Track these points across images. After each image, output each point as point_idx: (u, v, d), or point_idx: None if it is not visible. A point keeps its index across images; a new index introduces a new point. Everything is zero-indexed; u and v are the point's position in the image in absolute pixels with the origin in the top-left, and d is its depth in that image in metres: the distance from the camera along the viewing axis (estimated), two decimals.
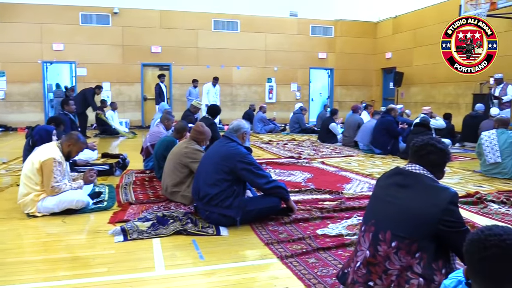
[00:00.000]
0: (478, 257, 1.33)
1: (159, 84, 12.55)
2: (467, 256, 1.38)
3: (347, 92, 16.36)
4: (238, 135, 3.73)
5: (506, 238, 1.32)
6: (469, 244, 1.37)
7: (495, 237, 1.33)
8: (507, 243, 1.31)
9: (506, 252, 1.30)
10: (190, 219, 3.63)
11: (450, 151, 2.34)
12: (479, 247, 1.33)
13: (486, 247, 1.31)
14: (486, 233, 1.35)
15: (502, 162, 5.91)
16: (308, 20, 15.60)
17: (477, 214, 4.19)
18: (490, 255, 1.30)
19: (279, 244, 3.18)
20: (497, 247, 1.31)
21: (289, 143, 9.92)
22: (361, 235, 2.24)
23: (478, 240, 1.35)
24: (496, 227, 1.38)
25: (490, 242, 1.32)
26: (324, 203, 4.42)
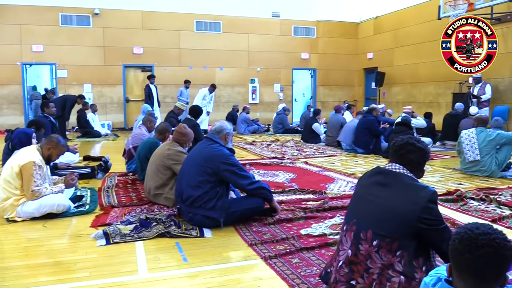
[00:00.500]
0: (469, 256, 1.36)
1: (149, 85, 12.32)
2: (456, 255, 1.40)
3: (330, 92, 16.47)
4: (221, 137, 3.72)
5: (495, 237, 1.37)
6: (460, 243, 1.39)
7: (485, 236, 1.36)
8: (497, 242, 1.35)
9: (497, 251, 1.34)
10: (174, 221, 3.61)
11: (429, 150, 2.38)
12: (471, 246, 1.36)
13: (478, 246, 1.35)
14: (476, 232, 1.38)
15: (481, 160, 6.03)
16: (290, 20, 15.67)
17: (458, 211, 4.26)
18: (482, 254, 1.34)
19: (263, 245, 3.19)
20: (489, 246, 1.34)
21: (272, 143, 9.94)
22: (343, 235, 2.26)
23: (469, 239, 1.37)
24: (482, 226, 1.42)
25: (481, 241, 1.35)
26: (307, 203, 4.44)
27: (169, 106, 12.22)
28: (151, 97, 12.21)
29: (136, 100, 14.05)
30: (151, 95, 12.24)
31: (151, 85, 12.34)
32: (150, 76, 12.57)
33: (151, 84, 12.35)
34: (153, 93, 12.30)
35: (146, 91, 12.34)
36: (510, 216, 4.03)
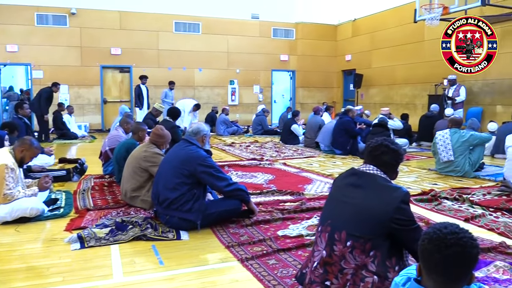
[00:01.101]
0: (439, 255, 1.38)
1: (139, 86, 12.09)
2: (426, 255, 1.42)
3: (309, 93, 16.59)
4: (198, 138, 3.71)
5: (463, 236, 1.39)
6: (429, 243, 1.41)
7: (453, 235, 1.39)
8: (464, 241, 1.38)
9: (465, 250, 1.37)
10: (150, 224, 3.58)
11: (403, 151, 2.42)
12: (440, 246, 1.38)
13: (447, 246, 1.37)
14: (445, 232, 1.40)
15: (455, 160, 6.16)
16: (269, 22, 15.72)
17: (432, 211, 4.35)
18: (451, 253, 1.37)
19: (239, 247, 3.19)
20: (457, 246, 1.37)
21: (251, 145, 9.95)
22: (318, 236, 2.28)
23: (438, 239, 1.39)
24: (449, 225, 1.44)
25: (450, 241, 1.38)
26: (285, 204, 4.46)
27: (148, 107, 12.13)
28: (140, 98, 11.98)
29: (114, 101, 13.87)
30: (141, 96, 12.01)
31: (142, 85, 12.09)
32: (142, 76, 12.29)
33: (142, 85, 12.10)
34: (143, 94, 12.07)
35: (136, 91, 12.11)
36: (482, 215, 4.12)
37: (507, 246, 3.25)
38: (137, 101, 11.93)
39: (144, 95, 12.15)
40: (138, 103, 11.74)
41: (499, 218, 4.05)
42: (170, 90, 12.73)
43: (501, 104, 10.13)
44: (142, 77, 12.28)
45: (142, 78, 12.24)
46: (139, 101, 11.85)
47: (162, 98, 12.60)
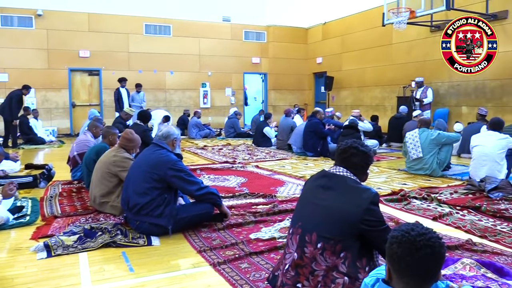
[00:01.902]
0: (410, 258, 1.38)
1: (118, 89, 11.65)
2: (396, 259, 1.41)
3: (281, 96, 16.68)
4: (168, 142, 3.66)
5: (431, 236, 1.41)
6: (399, 247, 1.40)
7: (422, 237, 1.40)
8: (433, 242, 1.39)
9: (434, 250, 1.39)
10: (120, 230, 3.51)
11: (373, 154, 2.45)
12: (410, 249, 1.38)
13: (418, 248, 1.38)
14: (413, 234, 1.41)
15: (424, 158, 6.35)
16: (241, 25, 15.74)
17: (401, 211, 4.43)
18: (423, 255, 1.37)
19: (212, 251, 3.16)
20: (427, 247, 1.38)
21: (224, 148, 9.92)
22: (289, 238, 2.29)
23: (408, 242, 1.39)
24: (415, 227, 1.45)
25: (420, 243, 1.38)
26: (257, 207, 4.46)
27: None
28: (120, 102, 11.52)
29: (83, 105, 13.59)
30: (120, 99, 11.56)
31: (122, 88, 11.66)
32: (121, 79, 11.79)
33: (122, 88, 11.66)
34: (123, 97, 11.62)
35: (116, 95, 11.65)
36: (450, 214, 4.23)
37: (473, 243, 3.34)
38: (116, 105, 11.49)
39: (125, 98, 11.69)
40: (118, 107, 11.26)
41: (465, 216, 4.16)
42: (137, 93, 12.20)
43: (466, 105, 10.44)
44: (122, 79, 11.80)
45: (122, 81, 11.76)
46: (118, 105, 11.38)
47: (129, 102, 12.14)
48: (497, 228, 3.80)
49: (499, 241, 3.45)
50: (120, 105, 11.32)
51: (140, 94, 12.14)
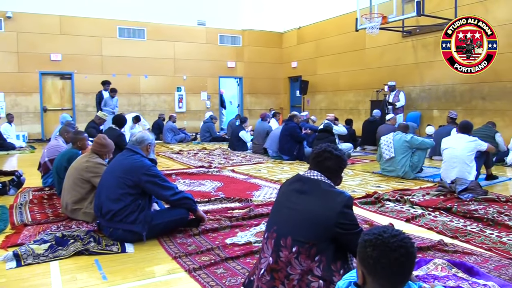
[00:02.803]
0: (385, 260, 1.38)
1: (101, 92, 11.41)
2: (371, 262, 1.41)
3: (257, 100, 16.72)
4: (142, 147, 3.61)
5: (403, 237, 1.42)
6: (374, 250, 1.40)
7: (395, 238, 1.41)
8: (405, 242, 1.41)
9: (408, 250, 1.40)
10: (93, 237, 3.44)
11: (347, 157, 2.47)
12: (385, 251, 1.39)
13: (392, 250, 1.38)
14: (386, 236, 1.41)
15: (396, 158, 6.50)
16: (216, 29, 15.72)
17: (376, 213, 4.50)
18: (398, 256, 1.38)
19: (187, 257, 3.13)
20: (401, 247, 1.39)
21: (200, 152, 9.87)
22: (264, 242, 2.29)
23: (382, 245, 1.40)
24: (386, 229, 1.46)
25: (394, 244, 1.39)
26: (233, 211, 4.45)
27: (90, 116, 11.69)
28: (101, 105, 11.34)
29: (54, 110, 13.28)
30: (102, 102, 11.36)
31: (105, 92, 11.42)
32: (104, 82, 11.61)
33: (105, 91, 11.43)
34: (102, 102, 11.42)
35: (97, 98, 11.44)
36: (422, 215, 4.32)
37: (444, 244, 3.42)
38: (98, 108, 11.23)
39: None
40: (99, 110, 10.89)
41: (437, 218, 4.26)
42: (111, 98, 11.75)
43: (437, 109, 10.69)
44: (105, 82, 11.62)
45: (105, 84, 11.58)
46: (100, 108, 11.13)
47: (102, 106, 11.78)
48: (467, 228, 3.90)
49: (470, 241, 3.54)
50: (101, 109, 11.11)
51: (114, 99, 11.86)
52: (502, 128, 8.54)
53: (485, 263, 3.03)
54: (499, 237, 3.63)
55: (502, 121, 9.04)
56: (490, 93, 9.47)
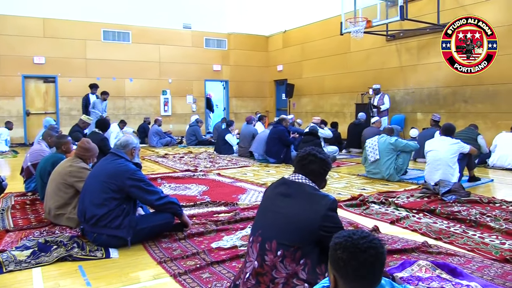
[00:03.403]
0: (355, 262, 1.38)
1: (88, 95, 11.12)
2: (342, 264, 1.41)
3: (243, 103, 16.73)
4: (127, 151, 3.58)
5: (372, 238, 1.43)
6: (344, 252, 1.40)
7: (364, 239, 1.42)
8: (375, 243, 1.42)
9: (377, 251, 1.41)
10: (77, 243, 3.40)
11: (330, 160, 2.48)
12: (355, 253, 1.39)
13: (362, 251, 1.39)
14: (355, 238, 1.42)
15: (381, 161, 6.56)
16: (202, 32, 15.70)
17: (361, 215, 4.53)
18: (367, 257, 1.38)
19: (172, 262, 3.11)
20: (371, 248, 1.40)
21: (185, 156, 9.82)
22: (250, 246, 2.28)
23: (352, 246, 1.40)
24: (355, 231, 1.47)
25: (363, 246, 1.39)
26: (219, 215, 4.44)
27: (74, 119, 11.55)
28: (88, 108, 11.01)
29: (38, 114, 13.11)
30: (88, 106, 11.03)
31: (92, 95, 11.11)
32: (92, 85, 11.32)
33: (92, 95, 11.12)
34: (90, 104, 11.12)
35: (83, 101, 11.13)
36: (406, 217, 4.36)
37: (428, 245, 3.45)
38: (83, 112, 10.92)
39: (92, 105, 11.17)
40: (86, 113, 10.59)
41: (421, 219, 4.30)
42: (102, 101, 11.40)
43: (421, 112, 10.83)
44: (93, 86, 11.33)
45: (92, 87, 11.30)
46: (86, 112, 10.83)
47: (90, 109, 11.48)
48: (450, 230, 3.95)
49: (453, 243, 3.58)
50: (87, 113, 10.84)
51: (104, 103, 11.62)
52: (484, 130, 8.69)
53: (468, 264, 3.07)
54: (481, 238, 3.68)
55: (484, 123, 9.19)
56: (472, 96, 9.63)
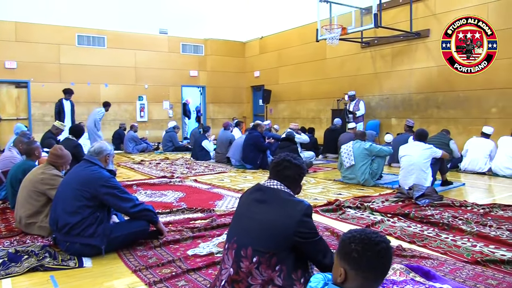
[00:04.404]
0: (371, 253, 1.55)
1: (61, 100, 10.48)
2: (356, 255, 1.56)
3: (220, 109, 16.70)
4: (101, 158, 3.52)
5: (381, 235, 1.62)
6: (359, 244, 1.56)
7: (375, 234, 1.60)
8: (384, 238, 1.60)
9: (388, 245, 1.59)
10: (49, 252, 3.32)
11: (305, 166, 2.49)
12: (370, 244, 1.56)
13: (376, 243, 1.56)
14: (368, 232, 1.61)
15: (356, 166, 6.65)
16: (178, 38, 15.64)
17: (337, 220, 4.56)
18: (380, 249, 1.56)
19: (147, 270, 3.06)
20: (383, 242, 1.58)
21: (162, 162, 9.73)
22: (225, 253, 2.27)
23: (366, 239, 1.57)
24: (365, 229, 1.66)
25: (376, 239, 1.58)
26: (195, 222, 4.40)
27: (48, 125, 11.30)
28: (61, 115, 10.44)
29: (9, 119, 12.74)
30: (62, 112, 10.46)
31: (65, 101, 10.51)
32: (66, 90, 10.67)
33: (66, 100, 10.51)
34: (65, 110, 10.52)
35: (56, 107, 10.51)
36: (381, 222, 4.42)
37: (403, 249, 3.50)
38: (56, 118, 10.33)
39: (67, 111, 10.62)
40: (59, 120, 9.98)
41: (396, 223, 4.36)
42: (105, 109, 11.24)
43: (395, 117, 11.02)
44: (66, 91, 10.69)
45: (66, 92, 10.65)
46: (59, 119, 10.24)
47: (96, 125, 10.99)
48: (424, 233, 4.02)
49: (426, 246, 3.64)
50: (60, 119, 10.35)
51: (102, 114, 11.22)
52: (455, 135, 8.91)
53: (441, 267, 3.13)
54: (453, 241, 3.76)
55: (455, 128, 9.42)
56: (444, 102, 9.86)
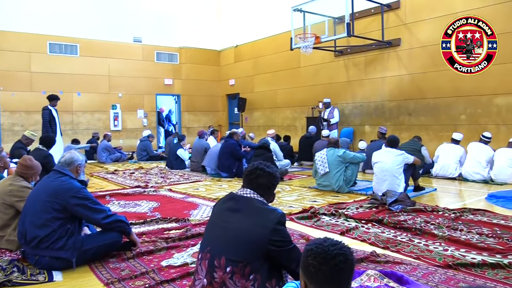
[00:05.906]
0: (326, 267, 1.44)
1: (49, 108, 9.20)
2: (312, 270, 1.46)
3: (195, 117, 16.62)
4: (71, 169, 3.43)
5: (342, 246, 1.50)
6: (315, 258, 1.46)
7: (334, 246, 1.48)
8: (344, 250, 1.48)
9: (347, 257, 1.47)
10: (17, 267, 3.21)
11: (278, 174, 2.50)
12: (326, 258, 1.45)
13: (332, 257, 1.45)
14: (326, 245, 1.49)
15: (330, 173, 6.71)
16: (152, 46, 15.53)
17: (312, 227, 4.58)
18: (337, 263, 1.44)
19: (120, 283, 3.00)
20: (340, 255, 1.46)
21: (136, 171, 9.59)
22: (199, 264, 2.25)
23: (323, 253, 1.46)
24: (326, 239, 1.54)
25: (333, 252, 1.46)
26: (170, 232, 4.35)
27: (18, 135, 11.00)
28: (52, 124, 9.24)
29: None
30: (53, 121, 9.26)
31: (52, 108, 9.30)
32: (52, 97, 9.42)
33: (52, 108, 9.31)
34: (55, 119, 9.33)
35: (46, 116, 9.17)
36: (356, 228, 4.46)
37: (377, 255, 3.54)
38: (47, 127, 9.12)
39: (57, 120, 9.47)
40: (50, 130, 9.02)
41: (370, 229, 4.41)
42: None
43: (368, 124, 11.20)
44: (53, 97, 9.40)
45: (53, 99, 9.37)
46: (50, 128, 9.12)
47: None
48: (397, 238, 4.07)
49: (400, 251, 3.69)
50: (52, 128, 9.11)
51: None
52: (427, 142, 9.11)
53: (414, 272, 3.17)
54: (426, 246, 3.82)
55: (427, 135, 9.63)
56: (415, 109, 10.08)
